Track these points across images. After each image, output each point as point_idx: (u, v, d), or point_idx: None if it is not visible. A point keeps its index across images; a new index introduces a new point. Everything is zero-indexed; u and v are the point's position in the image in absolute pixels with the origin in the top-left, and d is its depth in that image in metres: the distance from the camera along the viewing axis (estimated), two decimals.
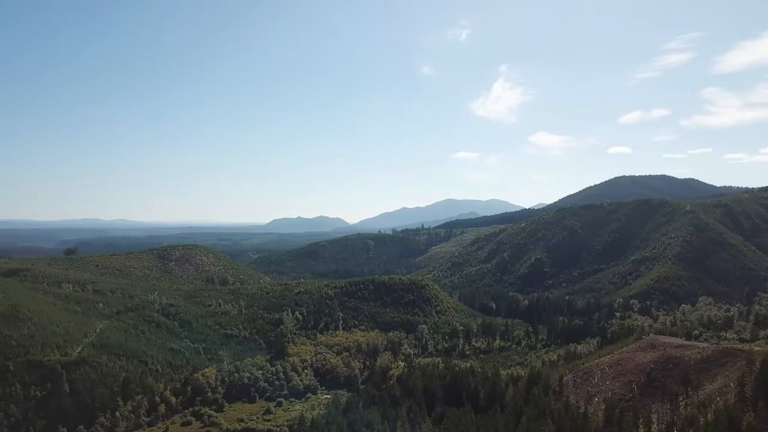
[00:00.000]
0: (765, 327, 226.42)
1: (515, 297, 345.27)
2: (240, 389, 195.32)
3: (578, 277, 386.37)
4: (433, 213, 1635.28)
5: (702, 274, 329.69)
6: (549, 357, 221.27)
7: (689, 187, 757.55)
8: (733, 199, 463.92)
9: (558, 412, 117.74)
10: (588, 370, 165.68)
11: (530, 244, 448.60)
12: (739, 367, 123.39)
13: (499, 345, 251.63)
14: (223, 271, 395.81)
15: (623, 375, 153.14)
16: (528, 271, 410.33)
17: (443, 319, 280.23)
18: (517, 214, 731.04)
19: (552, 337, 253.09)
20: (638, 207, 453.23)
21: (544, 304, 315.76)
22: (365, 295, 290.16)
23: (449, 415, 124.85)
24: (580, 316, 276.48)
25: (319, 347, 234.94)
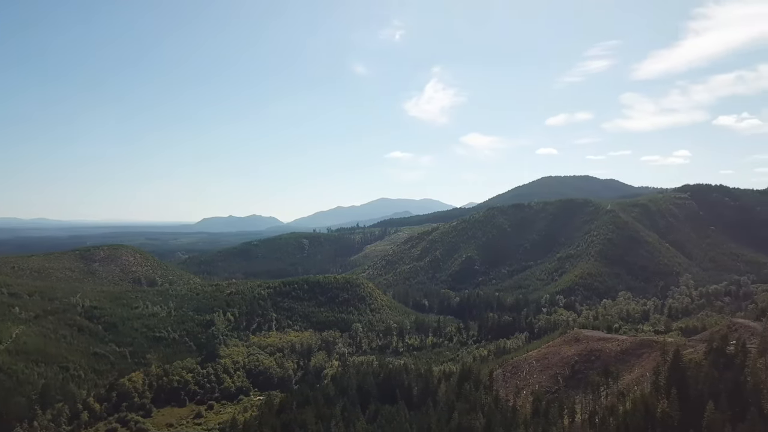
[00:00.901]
0: (677, 319, 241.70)
1: (447, 294, 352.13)
2: (169, 393, 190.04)
3: (507, 274, 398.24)
4: (368, 212, 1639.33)
5: (621, 270, 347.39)
6: (480, 352, 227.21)
7: (610, 188, 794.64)
8: (649, 199, 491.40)
9: (488, 405, 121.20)
10: (517, 364, 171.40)
11: (462, 242, 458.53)
12: (655, 358, 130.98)
13: (432, 341, 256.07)
14: (151, 272, 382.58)
15: (550, 368, 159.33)
16: (459, 268, 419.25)
17: (377, 317, 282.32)
18: (449, 213, 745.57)
19: (482, 332, 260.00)
20: (563, 206, 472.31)
21: (475, 301, 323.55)
22: (299, 295, 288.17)
23: (383, 413, 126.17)
24: (510, 312, 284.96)
25: (252, 348, 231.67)
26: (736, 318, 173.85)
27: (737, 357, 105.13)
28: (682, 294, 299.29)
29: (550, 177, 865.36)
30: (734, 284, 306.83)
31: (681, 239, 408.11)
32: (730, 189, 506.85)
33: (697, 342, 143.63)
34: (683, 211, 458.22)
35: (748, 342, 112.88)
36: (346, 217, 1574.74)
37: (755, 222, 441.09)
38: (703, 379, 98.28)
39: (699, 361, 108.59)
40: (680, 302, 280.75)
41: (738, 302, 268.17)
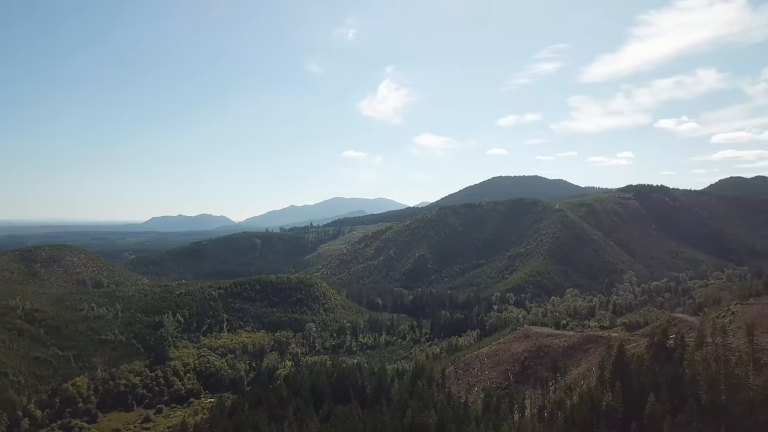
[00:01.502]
0: (621, 315, 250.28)
1: (401, 292, 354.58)
2: (116, 397, 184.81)
3: (459, 272, 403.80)
4: (322, 211, 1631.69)
5: (569, 268, 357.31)
6: (433, 350, 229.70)
7: (558, 187, 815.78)
8: (595, 198, 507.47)
9: (441, 403, 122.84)
10: (468, 361, 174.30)
11: (415, 241, 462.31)
12: (600, 353, 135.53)
13: (386, 340, 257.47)
14: (96, 273, 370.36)
15: (500, 364, 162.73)
16: (413, 267, 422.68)
17: (331, 317, 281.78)
18: (403, 212, 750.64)
19: (435, 330, 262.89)
20: (513, 206, 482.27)
21: (428, 299, 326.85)
22: (251, 296, 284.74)
23: (336, 412, 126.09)
24: (462, 310, 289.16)
25: (203, 350, 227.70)
26: (675, 313, 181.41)
27: (676, 350, 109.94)
28: (625, 290, 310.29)
29: (500, 177, 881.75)
30: (674, 281, 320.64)
31: (625, 238, 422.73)
32: (670, 189, 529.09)
33: (640, 336, 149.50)
34: (627, 210, 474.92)
35: (687, 336, 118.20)
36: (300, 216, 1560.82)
37: (693, 221, 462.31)
38: (645, 372, 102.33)
39: (641, 355, 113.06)
40: (624, 298, 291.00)
41: (677, 298, 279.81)
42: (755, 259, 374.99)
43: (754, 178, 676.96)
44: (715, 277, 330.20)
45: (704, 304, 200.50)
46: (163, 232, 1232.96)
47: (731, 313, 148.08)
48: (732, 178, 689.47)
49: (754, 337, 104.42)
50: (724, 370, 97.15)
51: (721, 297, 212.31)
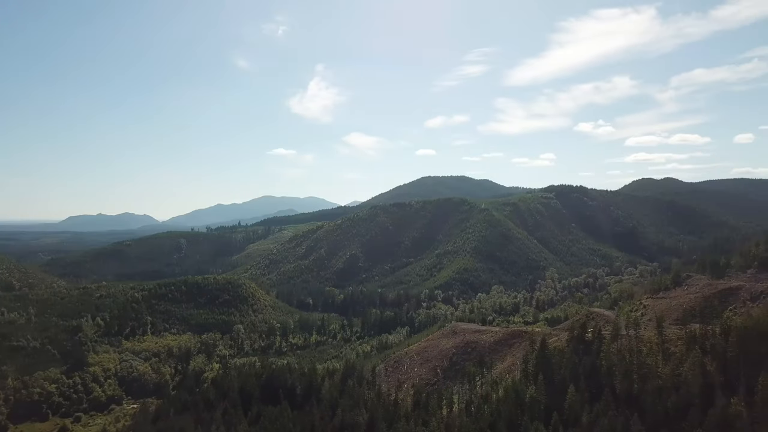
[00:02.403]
0: (544, 310, 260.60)
1: (331, 292, 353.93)
2: (29, 407, 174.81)
3: (390, 270, 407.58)
4: (251, 210, 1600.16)
5: (494, 265, 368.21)
6: (363, 348, 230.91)
7: (484, 187, 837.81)
8: (519, 198, 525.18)
9: (371, 401, 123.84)
10: (398, 358, 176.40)
11: (346, 240, 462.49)
12: (524, 347, 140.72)
13: (316, 340, 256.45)
14: (6, 275, 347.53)
15: (429, 361, 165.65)
16: (344, 266, 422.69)
17: (260, 318, 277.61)
18: (334, 211, 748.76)
19: (366, 329, 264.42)
20: (442, 205, 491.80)
21: (359, 298, 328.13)
22: (177, 297, 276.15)
23: (266, 414, 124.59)
24: (392, 308, 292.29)
25: (125, 354, 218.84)
26: (593, 308, 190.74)
27: (594, 343, 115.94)
28: (547, 287, 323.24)
29: (429, 177, 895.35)
30: (591, 277, 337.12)
31: (547, 236, 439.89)
32: (588, 190, 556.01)
33: (561, 331, 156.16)
34: (549, 209, 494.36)
35: (603, 329, 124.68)
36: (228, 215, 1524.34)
37: (609, 219, 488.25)
38: (565, 364, 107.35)
39: (562, 349, 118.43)
40: (546, 294, 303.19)
41: (595, 293, 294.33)
42: (664, 255, 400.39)
43: (663, 179, 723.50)
44: (629, 273, 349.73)
45: (619, 299, 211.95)
46: (81, 232, 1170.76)
47: (643, 307, 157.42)
48: (643, 180, 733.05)
49: (663, 328, 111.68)
50: (637, 360, 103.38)
51: (634, 292, 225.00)
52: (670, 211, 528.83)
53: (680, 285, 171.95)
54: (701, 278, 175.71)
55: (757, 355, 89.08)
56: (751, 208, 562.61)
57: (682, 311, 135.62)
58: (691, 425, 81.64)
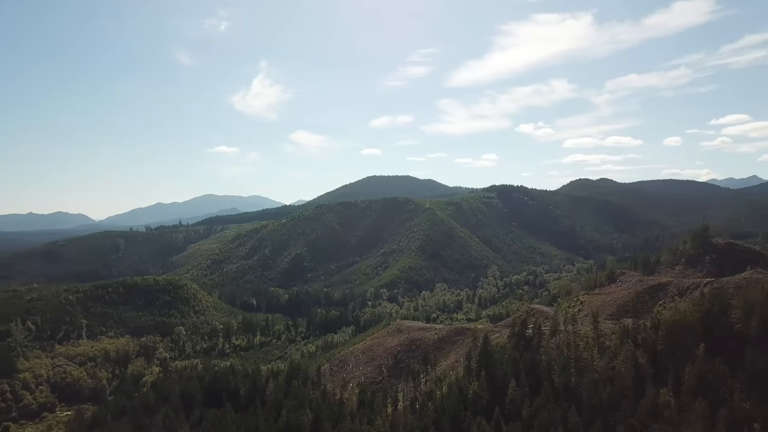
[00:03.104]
0: (486, 307, 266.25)
1: (276, 292, 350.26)
2: None
3: (336, 270, 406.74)
4: (192, 209, 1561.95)
5: (438, 264, 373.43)
6: (308, 348, 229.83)
7: (429, 187, 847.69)
8: (462, 198, 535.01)
9: (316, 401, 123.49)
10: (343, 357, 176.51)
11: (291, 239, 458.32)
12: (467, 344, 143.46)
13: (260, 341, 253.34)
14: None
15: (374, 359, 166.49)
16: (289, 266, 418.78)
17: (202, 319, 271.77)
18: (278, 210, 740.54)
19: (311, 328, 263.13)
20: (387, 204, 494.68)
21: (304, 298, 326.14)
22: (114, 299, 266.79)
23: (208, 417, 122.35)
24: (337, 307, 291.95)
25: (58, 359, 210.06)
26: (533, 304, 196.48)
27: (534, 339, 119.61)
28: (489, 284, 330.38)
29: (374, 176, 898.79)
30: (532, 274, 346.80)
31: (489, 235, 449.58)
32: (529, 189, 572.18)
33: (503, 327, 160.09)
34: (490, 209, 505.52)
35: (543, 325, 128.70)
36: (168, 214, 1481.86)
37: (548, 219, 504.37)
38: (506, 360, 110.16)
39: (504, 345, 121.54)
40: (488, 292, 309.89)
41: (535, 290, 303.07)
42: (600, 253, 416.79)
43: (598, 180, 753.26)
44: (567, 270, 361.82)
45: (558, 295, 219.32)
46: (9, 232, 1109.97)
47: (580, 303, 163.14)
48: (580, 180, 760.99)
49: (598, 323, 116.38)
50: (574, 354, 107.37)
51: (571, 288, 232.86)
52: (605, 210, 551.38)
53: (614, 281, 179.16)
54: (634, 275, 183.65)
55: (683, 347, 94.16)
56: (679, 208, 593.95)
57: (616, 306, 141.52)
58: (624, 415, 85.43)
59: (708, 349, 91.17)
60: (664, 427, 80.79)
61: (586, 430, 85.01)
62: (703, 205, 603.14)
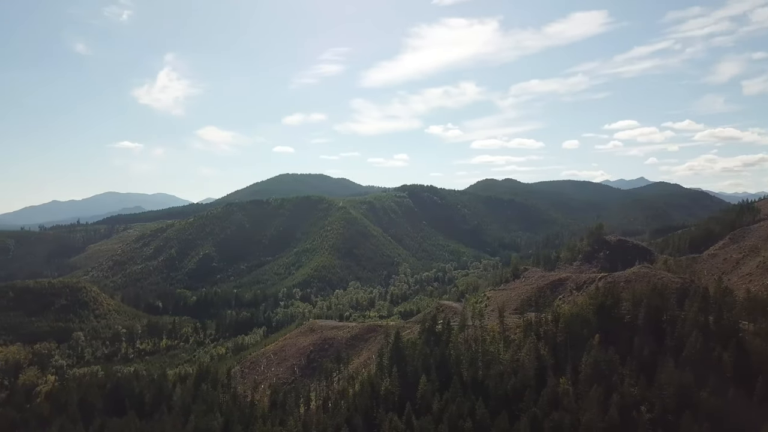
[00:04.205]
0: (398, 304, 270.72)
1: (183, 293, 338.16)
2: None
3: (246, 270, 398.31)
4: (92, 207, 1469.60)
5: (352, 262, 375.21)
6: (218, 351, 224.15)
7: (342, 186, 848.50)
8: (374, 197, 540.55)
9: (226, 404, 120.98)
10: (255, 359, 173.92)
11: (199, 239, 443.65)
12: (380, 341, 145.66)
13: (167, 344, 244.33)
14: None
15: (287, 360, 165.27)
16: (197, 266, 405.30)
17: (103, 324, 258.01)
18: (186, 208, 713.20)
19: (221, 330, 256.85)
20: (300, 203, 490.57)
21: (213, 299, 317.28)
22: (3, 304, 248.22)
23: (110, 426, 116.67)
24: (248, 308, 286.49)
25: None
26: (443, 300, 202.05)
27: (443, 334, 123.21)
28: (401, 281, 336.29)
29: (287, 174, 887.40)
30: (441, 271, 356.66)
31: (400, 233, 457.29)
32: (438, 189, 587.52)
33: (414, 323, 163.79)
34: (402, 208, 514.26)
35: (452, 320, 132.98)
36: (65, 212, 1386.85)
37: (457, 217, 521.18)
38: (417, 356, 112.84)
39: (415, 341, 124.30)
40: (400, 289, 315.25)
41: (444, 286, 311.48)
42: (505, 250, 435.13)
43: (503, 180, 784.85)
44: (474, 267, 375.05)
45: (466, 291, 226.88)
46: None
47: (487, 298, 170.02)
48: (487, 180, 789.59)
49: (504, 318, 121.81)
50: (481, 348, 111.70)
51: (479, 284, 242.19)
52: (509, 209, 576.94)
53: (518, 277, 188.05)
54: (536, 271, 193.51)
55: (581, 338, 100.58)
56: (576, 207, 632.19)
57: (520, 301, 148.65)
58: (527, 405, 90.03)
59: (602, 339, 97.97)
60: (564, 414, 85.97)
61: (492, 421, 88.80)
62: (598, 205, 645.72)
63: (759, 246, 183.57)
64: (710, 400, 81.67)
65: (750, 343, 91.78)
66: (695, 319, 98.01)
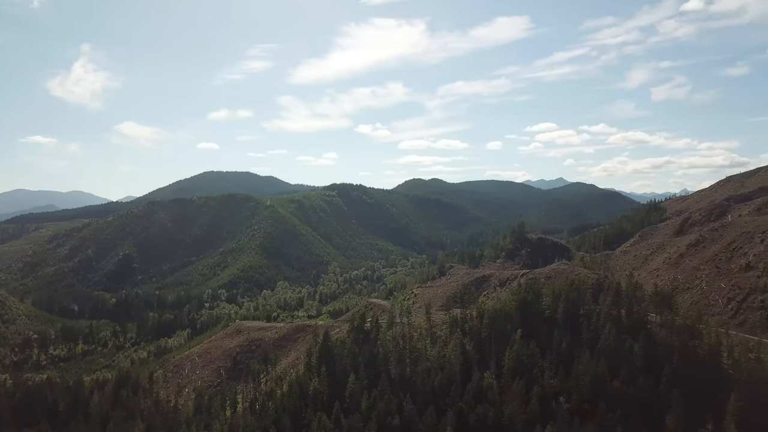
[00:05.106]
0: (327, 303, 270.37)
1: (102, 296, 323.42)
2: None
3: (169, 271, 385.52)
4: None
5: (280, 262, 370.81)
6: (139, 355, 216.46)
7: (270, 184, 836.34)
8: (303, 195, 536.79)
9: (148, 409, 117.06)
10: (179, 362, 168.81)
11: (118, 239, 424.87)
12: (308, 341, 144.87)
13: (83, 349, 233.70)
14: None
15: (212, 362, 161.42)
16: (116, 267, 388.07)
17: (12, 329, 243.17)
18: (104, 207, 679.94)
19: (142, 334, 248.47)
20: (226, 201, 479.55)
21: (134, 301, 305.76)
22: None
23: None
24: (172, 310, 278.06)
25: None
26: (371, 298, 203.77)
27: (372, 332, 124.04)
28: (330, 281, 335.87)
29: (212, 172, 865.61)
30: (370, 269, 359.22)
31: (330, 232, 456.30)
32: (367, 188, 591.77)
33: (342, 322, 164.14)
34: (331, 206, 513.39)
35: (381, 318, 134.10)
36: None
37: (385, 216, 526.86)
38: (346, 354, 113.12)
39: (343, 339, 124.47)
40: (329, 288, 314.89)
41: (373, 284, 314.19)
42: (432, 248, 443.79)
43: (430, 180, 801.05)
44: (402, 265, 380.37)
45: (394, 289, 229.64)
46: None
47: (414, 295, 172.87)
48: (414, 180, 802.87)
49: (430, 314, 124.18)
50: (409, 345, 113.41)
51: (406, 282, 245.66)
52: (436, 208, 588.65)
53: (445, 275, 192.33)
54: (461, 268, 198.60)
55: (504, 333, 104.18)
56: (500, 206, 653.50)
57: (446, 298, 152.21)
58: (453, 400, 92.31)
59: (524, 333, 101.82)
60: (488, 407, 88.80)
61: (420, 416, 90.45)
62: (520, 204, 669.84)
63: (665, 243, 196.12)
64: (622, 389, 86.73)
65: (657, 335, 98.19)
66: (609, 313, 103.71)
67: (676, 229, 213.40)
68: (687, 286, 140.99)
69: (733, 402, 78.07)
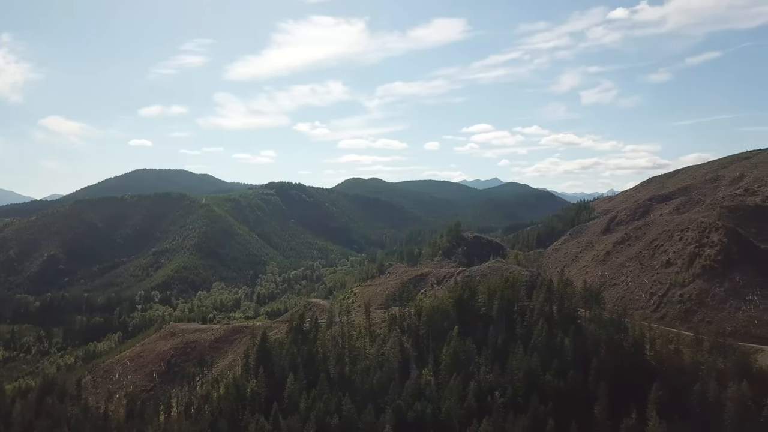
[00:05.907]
0: (265, 304, 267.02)
1: (24, 299, 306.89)
2: None
3: (98, 272, 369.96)
4: None
5: (215, 262, 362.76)
6: (66, 360, 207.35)
7: (205, 182, 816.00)
8: (240, 194, 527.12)
9: (75, 417, 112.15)
10: (109, 367, 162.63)
11: (43, 239, 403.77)
12: (245, 342, 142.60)
13: (4, 356, 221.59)
14: None
15: (145, 366, 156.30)
16: (40, 269, 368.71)
17: None
18: (27, 205, 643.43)
19: (69, 338, 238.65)
20: (159, 200, 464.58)
21: (60, 304, 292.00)
22: None
23: None
24: (101, 313, 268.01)
25: None
26: (311, 298, 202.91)
27: (311, 332, 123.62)
28: (268, 281, 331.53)
29: (144, 170, 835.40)
30: (309, 269, 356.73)
31: (268, 231, 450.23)
32: (307, 187, 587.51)
33: (281, 323, 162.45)
34: (269, 205, 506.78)
35: (320, 318, 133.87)
36: None
37: (325, 215, 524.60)
38: (285, 355, 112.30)
39: (282, 340, 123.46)
40: (267, 288, 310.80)
41: (312, 284, 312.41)
42: (371, 247, 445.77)
43: (370, 179, 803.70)
44: (342, 264, 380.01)
45: (333, 288, 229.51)
46: None
47: (354, 294, 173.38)
48: (354, 179, 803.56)
49: (370, 313, 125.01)
50: (348, 344, 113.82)
51: (346, 281, 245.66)
52: (375, 207, 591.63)
53: (384, 273, 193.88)
54: (400, 266, 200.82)
55: (441, 330, 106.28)
56: (437, 206, 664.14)
57: (385, 296, 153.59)
58: (392, 397, 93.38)
59: (461, 330, 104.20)
60: (426, 404, 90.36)
61: (359, 415, 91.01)
62: (457, 203, 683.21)
63: (593, 241, 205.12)
64: (554, 382, 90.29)
65: (586, 329, 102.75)
66: (541, 309, 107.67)
67: (604, 228, 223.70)
68: (613, 282, 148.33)
69: (655, 391, 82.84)
